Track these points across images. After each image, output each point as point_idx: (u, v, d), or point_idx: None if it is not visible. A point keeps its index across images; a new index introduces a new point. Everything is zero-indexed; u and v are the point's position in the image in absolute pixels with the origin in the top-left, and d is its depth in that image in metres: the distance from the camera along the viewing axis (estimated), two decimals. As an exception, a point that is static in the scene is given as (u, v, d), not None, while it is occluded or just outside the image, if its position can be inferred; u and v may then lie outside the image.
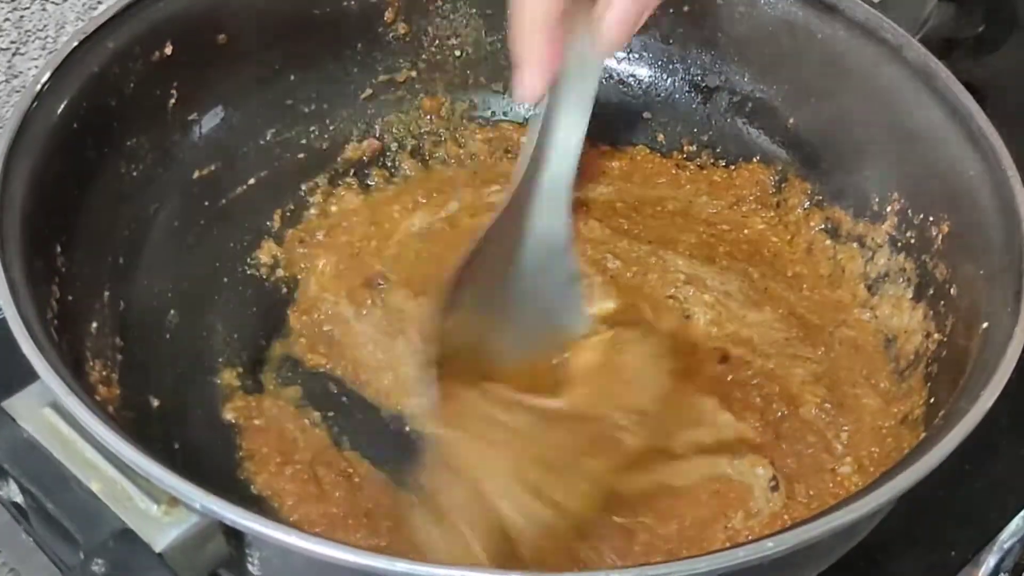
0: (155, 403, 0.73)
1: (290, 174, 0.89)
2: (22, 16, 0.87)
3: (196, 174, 0.83)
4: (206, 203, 0.84)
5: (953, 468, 0.57)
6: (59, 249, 0.70)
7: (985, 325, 0.65)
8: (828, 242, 0.85)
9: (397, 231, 0.87)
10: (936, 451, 0.57)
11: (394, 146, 0.93)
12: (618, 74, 0.95)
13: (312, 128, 0.90)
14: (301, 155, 0.90)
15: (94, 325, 0.71)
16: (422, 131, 0.94)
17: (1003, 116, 0.74)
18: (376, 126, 0.93)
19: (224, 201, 0.85)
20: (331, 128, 0.91)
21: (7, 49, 0.88)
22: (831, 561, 0.63)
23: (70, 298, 0.68)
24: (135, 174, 0.79)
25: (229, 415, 0.76)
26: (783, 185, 0.89)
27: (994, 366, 0.60)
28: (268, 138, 0.88)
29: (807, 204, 0.87)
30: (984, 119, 0.73)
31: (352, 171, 0.92)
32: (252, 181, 0.87)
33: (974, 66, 0.96)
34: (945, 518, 0.76)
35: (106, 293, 0.74)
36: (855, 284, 0.83)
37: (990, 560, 0.74)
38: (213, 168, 0.84)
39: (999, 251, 0.68)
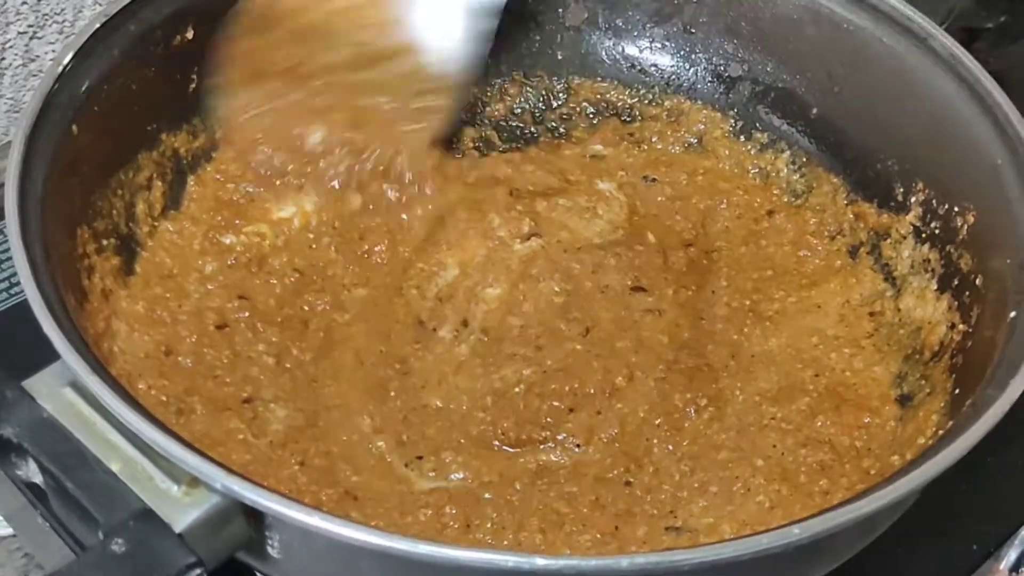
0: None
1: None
2: (40, 0, 0.87)
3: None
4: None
5: (975, 462, 0.57)
6: (79, 231, 0.70)
7: (1013, 315, 0.64)
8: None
9: None
10: (964, 439, 0.56)
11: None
12: (640, 63, 0.94)
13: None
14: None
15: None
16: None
17: (1025, 107, 0.73)
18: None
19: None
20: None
21: (25, 32, 0.88)
22: (854, 552, 0.63)
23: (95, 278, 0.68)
24: (155, 157, 0.79)
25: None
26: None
27: (1022, 354, 0.60)
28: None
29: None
30: (1012, 108, 0.72)
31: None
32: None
33: (996, 56, 0.95)
34: (967, 512, 0.75)
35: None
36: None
37: (1011, 554, 0.73)
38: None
39: (1027, 241, 0.67)
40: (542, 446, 0.72)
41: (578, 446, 0.72)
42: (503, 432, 0.72)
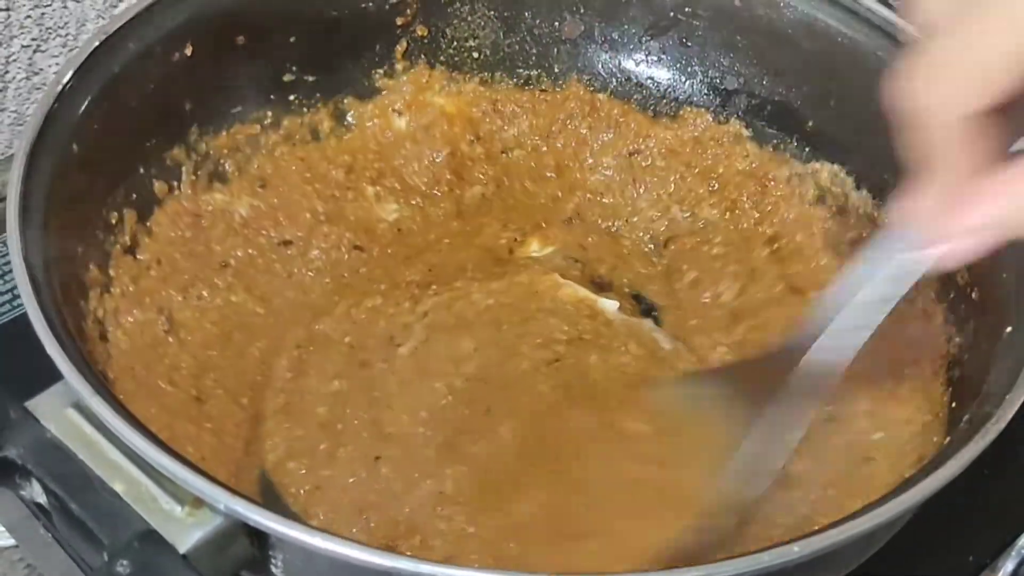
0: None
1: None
2: (43, 13, 0.88)
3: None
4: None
5: (972, 473, 0.57)
6: (80, 249, 0.70)
7: (1009, 329, 0.65)
8: None
9: None
10: (962, 456, 0.56)
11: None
12: (636, 76, 0.94)
13: (330, 128, 0.91)
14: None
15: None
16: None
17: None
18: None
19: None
20: (349, 129, 0.92)
21: (28, 46, 0.89)
22: (851, 568, 0.63)
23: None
24: (154, 174, 0.79)
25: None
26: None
27: (1019, 370, 0.60)
28: (286, 138, 0.89)
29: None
30: (1007, 120, 0.72)
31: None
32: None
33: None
34: (963, 523, 0.75)
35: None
36: None
37: (1008, 565, 0.73)
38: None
39: (1024, 254, 0.68)
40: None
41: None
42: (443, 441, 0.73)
